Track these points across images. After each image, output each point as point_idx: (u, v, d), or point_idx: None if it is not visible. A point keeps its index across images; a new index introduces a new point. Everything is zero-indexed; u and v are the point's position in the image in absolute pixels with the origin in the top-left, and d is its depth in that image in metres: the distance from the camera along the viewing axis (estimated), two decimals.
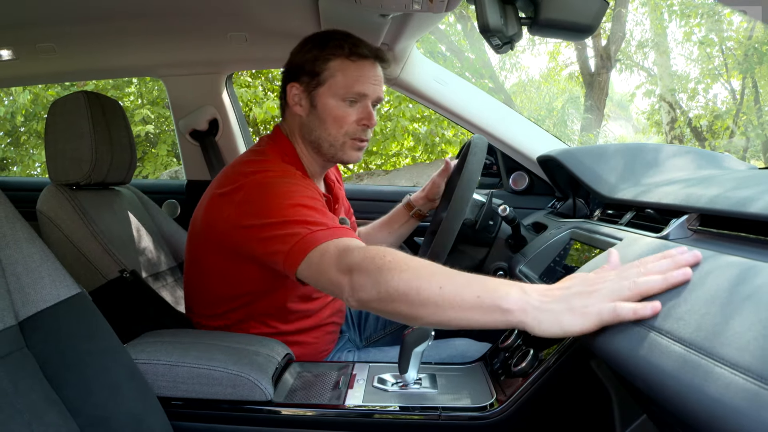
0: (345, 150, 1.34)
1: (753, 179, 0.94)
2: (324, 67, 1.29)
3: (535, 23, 1.06)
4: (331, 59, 1.28)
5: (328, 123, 1.30)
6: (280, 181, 1.20)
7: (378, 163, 8.77)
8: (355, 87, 1.29)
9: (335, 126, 1.31)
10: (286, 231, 1.09)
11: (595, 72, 10.67)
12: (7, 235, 0.93)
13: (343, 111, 1.30)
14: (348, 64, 1.29)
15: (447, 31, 11.21)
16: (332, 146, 1.33)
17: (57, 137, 1.53)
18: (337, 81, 1.28)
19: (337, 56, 1.28)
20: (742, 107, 10.88)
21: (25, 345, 0.89)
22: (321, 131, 1.32)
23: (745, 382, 0.51)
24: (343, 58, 1.28)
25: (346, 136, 1.32)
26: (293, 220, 1.09)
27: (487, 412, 1.11)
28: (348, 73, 1.28)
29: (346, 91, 1.29)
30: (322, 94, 1.30)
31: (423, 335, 1.13)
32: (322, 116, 1.31)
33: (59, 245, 1.49)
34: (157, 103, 8.37)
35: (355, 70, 1.29)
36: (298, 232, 1.07)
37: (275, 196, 1.15)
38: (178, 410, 1.08)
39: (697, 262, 0.72)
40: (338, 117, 1.30)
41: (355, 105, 1.31)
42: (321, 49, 1.29)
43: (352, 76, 1.28)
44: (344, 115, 1.30)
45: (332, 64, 1.28)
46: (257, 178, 1.21)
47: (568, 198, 1.81)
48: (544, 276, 1.25)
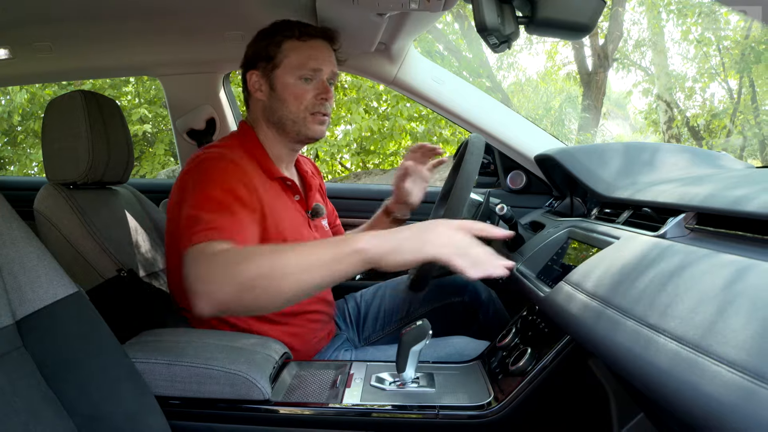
0: (308, 125, 1.39)
1: (750, 178, 0.94)
2: (277, 50, 1.37)
3: (532, 22, 1.06)
4: (283, 42, 1.37)
5: (288, 101, 1.37)
6: (213, 164, 1.24)
7: (376, 163, 8.77)
8: (309, 63, 1.36)
9: (295, 102, 1.37)
10: (191, 216, 1.13)
11: (592, 71, 10.67)
12: (3, 234, 0.93)
13: (300, 88, 1.37)
14: (299, 44, 1.37)
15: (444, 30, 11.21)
16: (295, 123, 1.38)
17: (54, 136, 1.53)
18: (292, 60, 1.36)
19: (288, 38, 1.37)
20: (739, 106, 10.90)
21: (22, 344, 0.89)
22: (283, 110, 1.38)
23: (742, 379, 0.52)
24: (294, 39, 1.37)
25: (306, 111, 1.38)
26: (201, 209, 1.13)
27: (485, 410, 1.11)
28: (300, 51, 1.36)
29: (301, 69, 1.36)
30: (280, 75, 1.37)
31: (420, 334, 1.13)
32: (282, 96, 1.37)
33: (56, 244, 1.49)
34: (154, 102, 8.37)
35: (307, 49, 1.37)
36: (200, 223, 1.09)
37: (201, 182, 1.20)
38: (175, 409, 1.07)
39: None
40: (297, 94, 1.37)
41: (311, 82, 1.38)
42: (272, 35, 1.38)
43: (304, 54, 1.36)
44: (302, 92, 1.37)
45: (285, 46, 1.37)
46: (195, 161, 1.27)
47: (566, 197, 1.81)
48: (542, 275, 1.25)
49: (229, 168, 1.24)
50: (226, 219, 1.12)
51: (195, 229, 1.09)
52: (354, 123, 7.68)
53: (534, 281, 1.23)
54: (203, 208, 1.13)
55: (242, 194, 1.20)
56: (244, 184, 1.23)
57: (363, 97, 8.11)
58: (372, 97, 8.26)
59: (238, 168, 1.26)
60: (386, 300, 1.72)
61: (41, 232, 1.51)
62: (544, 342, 1.17)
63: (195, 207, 1.15)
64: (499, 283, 1.55)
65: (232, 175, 1.23)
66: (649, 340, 0.67)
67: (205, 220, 1.10)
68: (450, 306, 1.69)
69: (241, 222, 1.15)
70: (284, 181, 1.41)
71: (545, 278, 1.21)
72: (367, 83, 7.86)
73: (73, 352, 0.92)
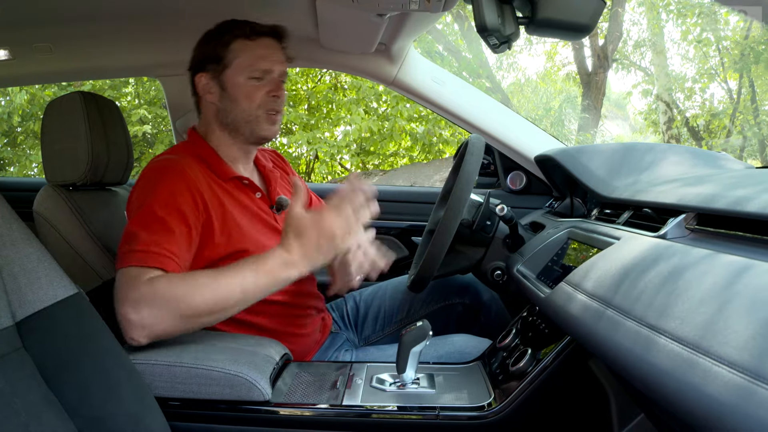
0: (260, 123, 1.38)
1: (750, 178, 0.94)
2: (226, 50, 1.36)
3: (532, 23, 1.06)
4: (232, 41, 1.35)
5: (240, 101, 1.36)
6: (158, 175, 1.26)
7: (376, 163, 8.77)
8: (260, 64, 1.36)
9: (247, 101, 1.36)
10: (130, 232, 1.17)
11: (592, 72, 10.67)
12: (3, 236, 0.93)
13: (252, 86, 1.36)
14: (249, 44, 1.36)
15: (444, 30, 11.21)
16: (248, 122, 1.37)
17: (53, 138, 1.53)
18: (242, 60, 1.35)
19: (236, 38, 1.36)
20: (738, 106, 10.89)
21: (22, 345, 0.89)
22: (236, 110, 1.37)
23: (743, 380, 0.52)
24: (243, 38, 1.36)
25: (259, 109, 1.37)
26: (140, 226, 1.16)
27: (485, 411, 1.11)
28: (250, 51, 1.35)
29: (251, 69, 1.35)
30: (230, 75, 1.36)
31: (421, 335, 1.13)
32: (233, 96, 1.36)
33: (56, 246, 1.49)
34: (154, 103, 8.36)
35: (256, 48, 1.36)
36: (136, 243, 1.13)
37: (144, 194, 1.23)
38: (175, 410, 1.07)
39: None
40: (249, 93, 1.36)
41: (261, 81, 1.36)
42: (220, 36, 1.37)
43: (254, 53, 1.36)
44: (254, 90, 1.36)
45: (234, 46, 1.35)
46: (143, 172, 1.30)
47: (566, 197, 1.81)
48: (542, 275, 1.25)
49: (174, 178, 1.24)
50: (163, 241, 1.14)
51: (131, 248, 1.12)
52: (354, 124, 7.67)
53: (534, 282, 1.23)
54: (142, 226, 1.16)
55: (184, 208, 1.21)
56: (189, 194, 1.23)
57: (363, 98, 8.11)
58: (372, 97, 8.25)
59: (184, 176, 1.25)
60: (386, 300, 1.72)
61: (41, 233, 1.51)
62: (545, 343, 1.17)
63: (135, 223, 1.18)
64: (499, 284, 1.55)
65: (176, 186, 1.23)
66: (649, 341, 0.67)
67: (142, 240, 1.13)
68: (451, 307, 1.69)
69: (178, 243, 1.17)
70: (240, 181, 1.39)
71: (545, 279, 1.21)
72: (367, 84, 7.85)
73: (74, 353, 0.92)
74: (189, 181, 1.25)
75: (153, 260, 1.10)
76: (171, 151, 1.38)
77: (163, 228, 1.16)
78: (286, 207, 1.45)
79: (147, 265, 1.10)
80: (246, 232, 1.32)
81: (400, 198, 2.30)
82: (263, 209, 1.42)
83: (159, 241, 1.13)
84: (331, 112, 8.56)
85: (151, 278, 1.07)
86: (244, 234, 1.32)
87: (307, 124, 7.97)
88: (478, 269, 1.59)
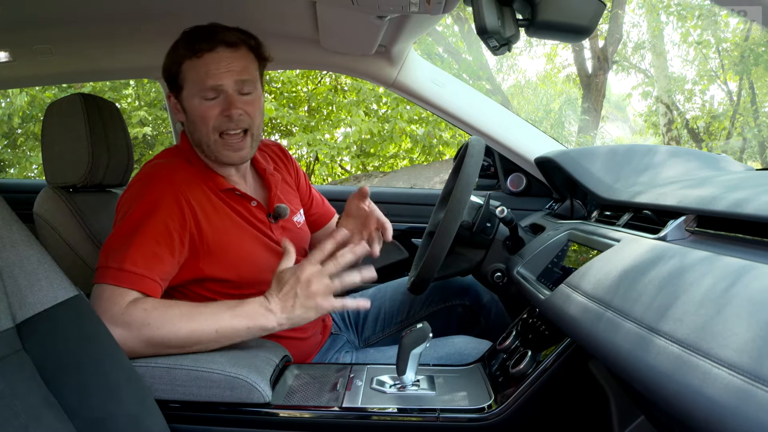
0: (219, 149, 1.30)
1: (749, 180, 0.94)
2: (178, 71, 1.29)
3: (532, 25, 1.06)
4: (182, 63, 1.28)
5: (198, 124, 1.29)
6: (148, 184, 1.24)
7: (376, 165, 8.77)
8: (207, 81, 1.26)
9: (202, 124, 1.28)
10: (112, 243, 1.17)
11: (592, 74, 10.68)
12: (3, 238, 0.93)
13: (204, 108, 1.28)
14: (195, 62, 1.26)
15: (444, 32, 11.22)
16: (209, 147, 1.31)
17: (54, 139, 1.53)
18: (191, 82, 1.28)
19: (184, 58, 1.27)
20: (738, 108, 10.89)
21: (22, 347, 0.89)
22: (197, 134, 1.31)
23: (743, 382, 0.52)
24: (190, 58, 1.27)
25: (214, 132, 1.28)
26: (123, 240, 1.16)
27: (485, 413, 1.11)
28: (197, 70, 1.26)
29: (200, 88, 1.26)
30: (186, 97, 1.30)
31: (421, 337, 1.13)
32: (192, 119, 1.30)
33: (56, 248, 1.49)
34: (154, 105, 8.36)
35: (202, 66, 1.26)
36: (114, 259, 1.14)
37: (132, 203, 1.21)
38: (176, 413, 1.07)
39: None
40: (202, 115, 1.28)
41: (216, 99, 1.27)
42: (173, 53, 1.30)
43: (200, 72, 1.26)
44: (206, 111, 1.27)
45: (183, 68, 1.28)
46: (134, 179, 1.29)
47: (566, 199, 1.81)
48: (542, 277, 1.25)
49: (161, 186, 1.23)
50: (140, 259, 1.13)
51: (108, 264, 1.13)
52: (354, 125, 7.68)
53: (534, 284, 1.23)
54: (122, 240, 1.16)
55: (169, 219, 1.19)
56: (176, 203, 1.21)
57: (363, 100, 8.11)
58: (372, 99, 8.26)
59: (172, 184, 1.23)
60: (386, 302, 1.72)
61: (41, 235, 1.51)
62: (545, 344, 1.17)
63: (115, 236, 1.18)
64: (499, 286, 1.55)
65: (162, 195, 1.21)
66: (649, 343, 0.67)
67: (120, 257, 1.13)
68: (451, 308, 1.69)
69: (158, 259, 1.16)
70: (233, 192, 1.34)
71: (545, 281, 1.21)
72: (367, 86, 7.86)
73: (74, 355, 0.92)
74: (177, 189, 1.23)
75: (129, 281, 1.11)
76: (162, 155, 1.37)
77: (143, 243, 1.15)
78: (285, 216, 1.41)
79: (123, 285, 1.10)
80: (239, 241, 1.31)
81: (400, 200, 2.31)
82: (258, 218, 1.37)
83: (136, 259, 1.13)
84: (331, 114, 8.56)
85: (128, 304, 1.08)
86: (236, 243, 1.30)
87: (307, 126, 7.98)
88: (478, 271, 1.59)
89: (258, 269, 1.32)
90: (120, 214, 1.23)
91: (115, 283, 1.10)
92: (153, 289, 1.14)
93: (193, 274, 1.26)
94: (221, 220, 1.29)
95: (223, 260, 1.28)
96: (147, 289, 1.13)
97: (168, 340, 1.07)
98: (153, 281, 1.14)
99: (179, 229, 1.21)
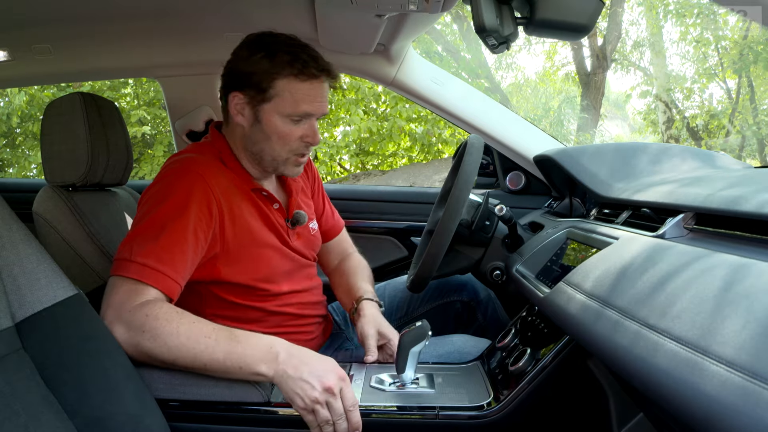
0: (287, 165, 1.33)
1: (747, 178, 0.95)
2: (271, 84, 1.25)
3: (530, 23, 1.07)
4: (280, 77, 1.24)
5: (272, 140, 1.28)
6: (178, 178, 1.22)
7: (375, 164, 8.77)
8: (302, 107, 1.26)
9: (280, 143, 1.29)
10: (137, 235, 1.15)
11: (591, 72, 10.68)
12: (3, 237, 0.93)
13: (288, 129, 1.28)
14: (296, 84, 1.25)
15: (443, 30, 11.22)
16: (274, 161, 1.32)
17: (53, 139, 1.53)
18: (285, 100, 1.25)
19: (285, 75, 1.24)
20: (737, 106, 10.90)
21: (22, 346, 0.89)
22: (264, 145, 1.30)
23: (741, 379, 0.52)
24: (292, 77, 1.24)
25: (290, 153, 1.31)
26: (149, 233, 1.15)
27: (484, 411, 1.11)
28: (296, 93, 1.25)
29: (293, 111, 1.26)
30: (268, 110, 1.27)
31: (420, 335, 1.14)
32: (266, 132, 1.28)
33: (55, 247, 1.49)
34: (153, 104, 8.36)
35: (303, 90, 1.25)
36: (137, 253, 1.12)
37: (161, 196, 1.20)
38: (175, 411, 1.07)
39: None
40: (283, 135, 1.28)
41: (300, 123, 1.28)
42: (270, 62, 1.25)
43: (299, 95, 1.25)
44: (289, 133, 1.28)
45: (280, 83, 1.25)
46: (163, 170, 1.27)
47: (565, 197, 1.81)
48: (541, 275, 1.25)
49: (190, 181, 1.21)
50: (164, 255, 1.13)
51: (133, 256, 1.12)
52: (353, 124, 7.68)
53: (533, 282, 1.23)
54: (147, 234, 1.14)
55: (195, 217, 1.18)
56: (204, 200, 1.21)
57: (362, 98, 8.11)
58: (371, 98, 8.26)
59: (202, 179, 1.22)
60: (385, 299, 1.72)
61: (40, 234, 1.51)
62: (544, 342, 1.17)
63: (140, 229, 1.16)
64: (498, 284, 1.56)
65: (191, 191, 1.20)
66: (648, 340, 0.67)
67: (143, 251, 1.12)
68: (449, 305, 1.69)
69: (181, 256, 1.15)
70: (260, 192, 1.35)
71: (544, 279, 1.21)
72: (366, 84, 7.86)
73: (73, 354, 0.92)
74: (208, 187, 1.22)
75: (151, 278, 1.10)
76: (193, 149, 1.34)
77: (170, 240, 1.14)
78: (303, 223, 1.42)
79: (142, 280, 1.09)
80: (258, 242, 1.31)
81: (399, 198, 2.31)
82: (278, 221, 1.38)
83: (162, 256, 1.12)
84: (330, 113, 8.55)
85: (139, 303, 1.07)
86: (255, 243, 1.30)
87: None
88: (477, 269, 1.60)
89: (270, 273, 1.33)
90: (147, 207, 1.20)
91: (136, 278, 1.09)
92: (172, 289, 1.13)
93: (209, 274, 1.26)
94: (244, 220, 1.29)
95: (240, 259, 1.28)
96: (167, 288, 1.11)
97: (155, 355, 1.04)
98: (174, 281, 1.13)
99: (205, 228, 1.20)
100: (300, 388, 1.01)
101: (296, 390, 1.01)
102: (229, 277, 1.27)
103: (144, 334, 1.03)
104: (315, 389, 1.01)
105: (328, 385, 1.02)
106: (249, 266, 1.29)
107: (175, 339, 1.03)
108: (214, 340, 1.04)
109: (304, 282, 1.43)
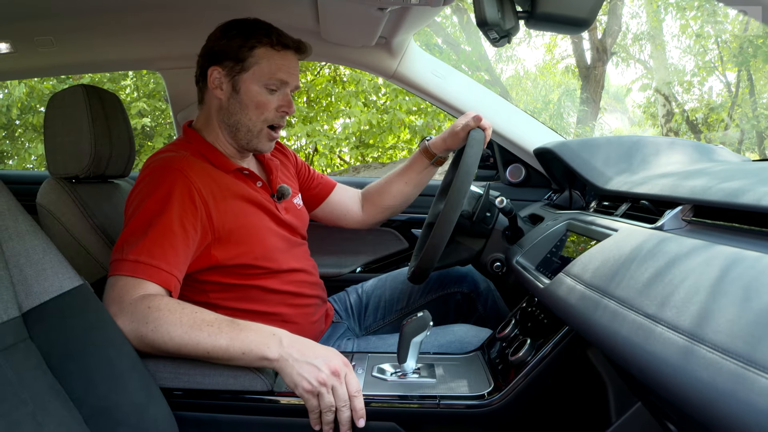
0: (260, 138, 1.39)
1: (745, 171, 0.95)
2: (249, 53, 1.34)
3: (531, 17, 1.07)
4: (257, 47, 1.34)
5: (249, 108, 1.36)
6: (160, 175, 1.25)
7: (375, 156, 8.77)
8: (278, 74, 1.35)
9: (256, 112, 1.36)
10: (128, 235, 1.18)
11: (591, 65, 10.66)
12: (9, 228, 0.94)
13: (265, 97, 1.36)
14: (272, 53, 1.35)
15: (443, 23, 11.19)
16: (249, 132, 1.38)
17: (56, 131, 1.53)
18: (262, 68, 1.34)
19: (262, 44, 1.34)
20: (737, 100, 10.89)
21: (28, 336, 0.90)
22: (241, 115, 1.37)
23: (736, 366, 0.53)
24: (268, 46, 1.34)
25: (264, 123, 1.38)
26: (139, 230, 1.17)
27: (485, 400, 1.13)
28: (272, 60, 1.35)
29: (269, 78, 1.35)
30: (246, 79, 1.35)
31: (421, 326, 1.15)
32: (244, 101, 1.36)
33: (59, 238, 1.50)
34: (153, 96, 8.35)
35: (279, 59, 1.35)
36: (129, 251, 1.14)
37: (146, 194, 1.22)
38: (180, 400, 1.09)
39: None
40: (260, 103, 1.36)
41: (275, 93, 1.37)
42: (246, 36, 1.34)
43: (275, 63, 1.35)
44: (266, 102, 1.36)
45: (257, 52, 1.34)
46: (143, 171, 1.29)
47: (565, 190, 1.82)
48: (541, 267, 1.26)
49: (172, 178, 1.24)
50: (156, 250, 1.15)
51: (125, 255, 1.14)
52: (353, 116, 7.68)
53: (533, 273, 1.24)
54: (136, 233, 1.17)
55: (182, 211, 1.21)
56: (188, 194, 1.23)
57: (362, 91, 8.10)
58: (371, 90, 8.25)
59: (183, 175, 1.25)
60: (387, 290, 1.74)
61: (44, 225, 1.51)
62: (544, 333, 1.18)
63: (133, 228, 1.18)
64: (499, 275, 1.57)
65: (174, 187, 1.22)
66: (646, 330, 0.68)
67: (135, 249, 1.14)
68: (450, 296, 1.70)
69: (173, 249, 1.17)
70: (241, 171, 1.39)
71: (544, 270, 1.22)
72: (366, 77, 7.85)
73: (79, 343, 0.94)
74: (188, 180, 1.25)
75: (145, 272, 1.12)
76: (170, 148, 1.37)
77: (158, 236, 1.16)
78: (288, 196, 1.48)
79: (138, 276, 1.11)
80: (248, 221, 1.34)
81: None
82: (265, 198, 1.42)
83: (153, 251, 1.14)
84: (330, 105, 8.55)
85: (140, 296, 1.09)
86: (246, 223, 1.33)
87: (306, 117, 7.97)
88: (477, 261, 1.61)
89: (266, 250, 1.36)
90: (132, 208, 1.23)
91: (130, 274, 1.11)
92: (169, 282, 1.14)
93: (206, 262, 1.28)
94: (231, 204, 1.31)
95: (234, 242, 1.30)
96: (163, 281, 1.13)
97: (158, 345, 1.05)
98: (169, 274, 1.14)
99: (192, 220, 1.22)
100: (306, 371, 1.02)
101: (302, 373, 1.02)
102: (227, 261, 1.29)
103: (147, 325, 1.05)
104: (321, 371, 1.03)
105: (335, 368, 1.03)
106: (244, 247, 1.32)
107: (178, 328, 1.04)
108: (216, 327, 1.06)
109: (300, 261, 1.47)
